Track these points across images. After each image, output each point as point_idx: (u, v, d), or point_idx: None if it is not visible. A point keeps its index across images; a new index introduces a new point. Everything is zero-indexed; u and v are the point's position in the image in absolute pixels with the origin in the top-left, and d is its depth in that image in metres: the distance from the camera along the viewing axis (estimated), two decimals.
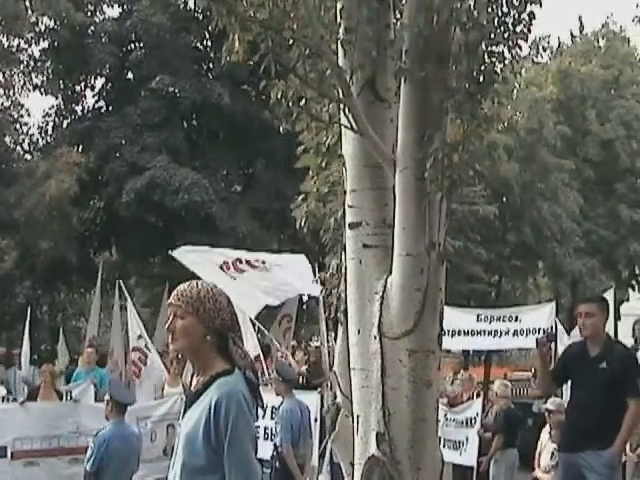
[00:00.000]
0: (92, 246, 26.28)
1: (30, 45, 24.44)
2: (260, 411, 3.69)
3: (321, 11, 5.31)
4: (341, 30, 5.07)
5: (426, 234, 4.77)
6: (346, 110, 4.98)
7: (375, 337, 4.93)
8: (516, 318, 14.32)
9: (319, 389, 11.51)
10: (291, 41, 5.07)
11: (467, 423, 12.27)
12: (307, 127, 5.76)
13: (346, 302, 5.38)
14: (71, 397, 12.23)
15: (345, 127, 5.11)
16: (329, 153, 5.99)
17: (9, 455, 10.50)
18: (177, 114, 24.42)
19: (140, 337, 15.89)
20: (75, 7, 23.27)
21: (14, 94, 24.65)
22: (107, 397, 8.39)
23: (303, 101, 5.26)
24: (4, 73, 23.83)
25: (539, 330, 12.99)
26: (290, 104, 5.23)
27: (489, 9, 4.73)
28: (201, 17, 24.90)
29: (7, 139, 24.67)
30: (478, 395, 13.45)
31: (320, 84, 5.15)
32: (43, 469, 10.69)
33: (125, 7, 25.31)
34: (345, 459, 6.01)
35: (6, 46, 23.58)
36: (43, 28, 24.20)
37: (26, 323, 17.28)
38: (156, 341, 16.61)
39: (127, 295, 16.27)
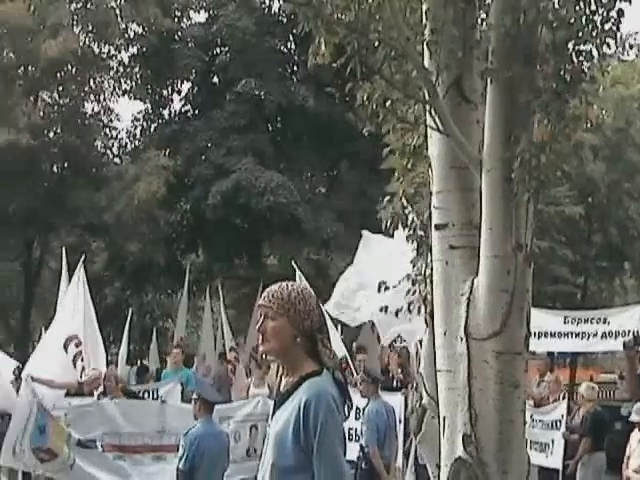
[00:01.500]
0: (179, 248, 26.63)
1: (120, 51, 24.94)
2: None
3: (406, 13, 5.32)
4: (427, 31, 5.07)
5: (513, 235, 4.75)
6: (432, 111, 4.98)
7: (462, 339, 4.91)
8: (604, 320, 14.08)
9: (403, 390, 11.53)
10: (377, 43, 5.09)
11: (553, 425, 12.13)
12: (393, 129, 5.77)
13: (432, 304, 5.38)
14: (157, 396, 12.48)
15: (431, 128, 5.11)
16: (415, 154, 5.98)
17: (99, 447, 10.83)
18: (262, 117, 24.63)
19: (232, 338, 16.71)
20: (163, 13, 23.64)
21: (104, 99, 25.18)
22: (195, 396, 8.52)
23: (389, 103, 5.27)
24: (95, 79, 24.33)
25: (628, 332, 12.76)
26: (375, 106, 5.26)
27: (577, 7, 4.68)
28: (285, 20, 25.08)
29: (98, 143, 25.20)
30: (563, 397, 13.28)
31: (406, 86, 5.15)
32: (129, 464, 10.97)
33: (211, 12, 25.63)
34: (431, 461, 6.01)
35: (97, 53, 24.10)
36: (132, 34, 24.66)
37: (124, 324, 17.70)
38: (249, 342, 17.19)
39: (221, 297, 16.92)
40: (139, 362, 19.25)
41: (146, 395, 12.67)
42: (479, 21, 5.20)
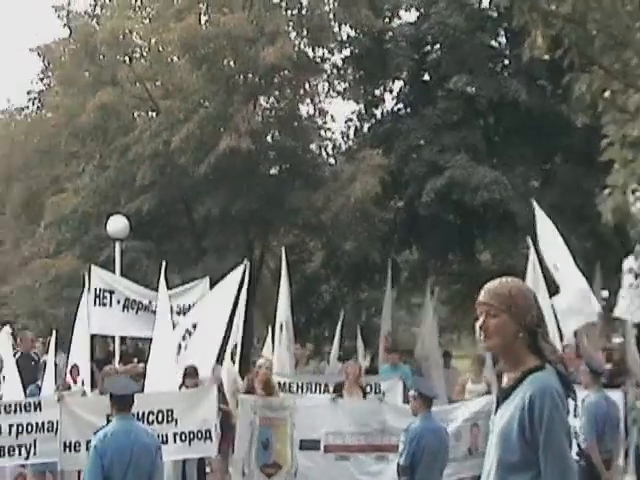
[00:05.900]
0: (393, 246, 26.87)
1: (333, 54, 25.37)
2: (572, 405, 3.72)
3: (624, 0, 5.24)
4: None
5: None
6: None
7: None
8: None
9: (622, 387, 11.22)
10: (594, 33, 5.04)
11: None
12: (613, 119, 5.68)
13: None
14: (379, 391, 12.69)
15: None
16: (635, 145, 5.86)
17: (322, 448, 11.11)
18: (474, 113, 24.45)
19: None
20: (374, 14, 23.91)
21: (319, 102, 25.74)
22: (413, 392, 8.67)
23: (608, 93, 5.21)
24: (309, 82, 24.90)
25: None
26: (594, 97, 5.20)
27: None
28: (495, 15, 24.81)
29: (313, 145, 25.77)
30: None
31: (626, 75, 5.08)
32: (353, 464, 11.19)
33: (422, 11, 25.69)
34: None
35: (311, 57, 24.69)
36: (345, 37, 25.07)
37: (338, 322, 18.13)
38: None
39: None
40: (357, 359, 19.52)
41: (368, 389, 12.92)
42: None
